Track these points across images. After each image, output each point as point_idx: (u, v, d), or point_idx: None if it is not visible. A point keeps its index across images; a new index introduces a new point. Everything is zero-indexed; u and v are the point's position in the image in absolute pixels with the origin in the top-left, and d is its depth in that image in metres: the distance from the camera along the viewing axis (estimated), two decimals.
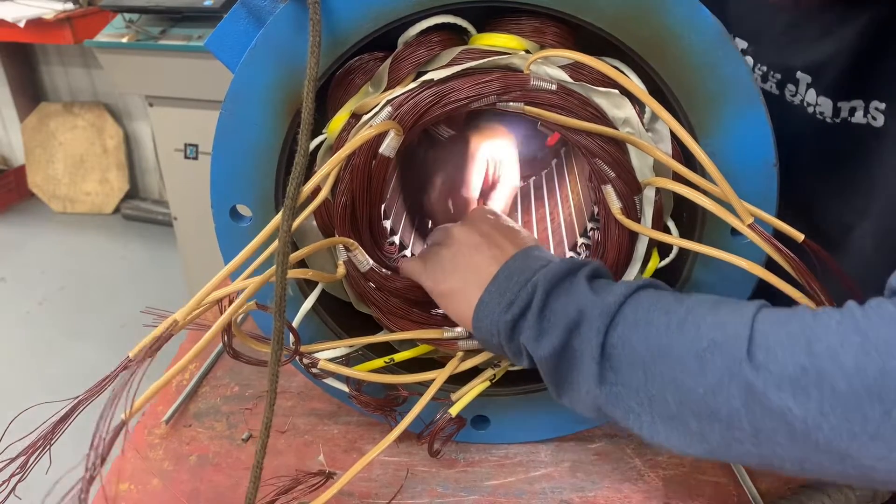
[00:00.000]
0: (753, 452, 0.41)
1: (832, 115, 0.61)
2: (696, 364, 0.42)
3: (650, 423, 0.45)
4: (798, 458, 0.40)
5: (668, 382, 0.43)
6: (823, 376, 0.37)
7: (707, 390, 0.41)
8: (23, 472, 0.48)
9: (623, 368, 0.46)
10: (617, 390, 0.46)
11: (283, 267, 0.50)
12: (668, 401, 0.44)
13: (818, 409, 0.37)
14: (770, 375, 0.39)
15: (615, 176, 0.57)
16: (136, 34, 1.88)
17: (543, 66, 0.55)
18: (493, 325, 0.52)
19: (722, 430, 0.42)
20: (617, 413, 0.47)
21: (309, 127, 0.50)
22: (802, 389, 0.38)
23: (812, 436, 0.38)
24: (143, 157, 3.17)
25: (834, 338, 0.38)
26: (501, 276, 0.53)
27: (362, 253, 0.61)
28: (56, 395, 0.51)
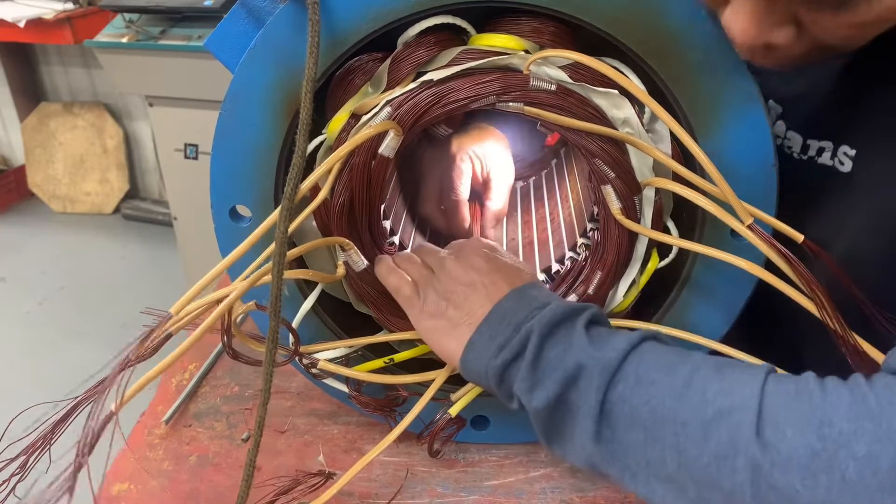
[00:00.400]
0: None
1: (800, 151, 0.61)
2: (700, 433, 0.41)
3: (646, 483, 0.44)
4: None
5: (670, 447, 0.42)
6: (834, 463, 0.36)
7: (711, 460, 0.40)
8: (23, 472, 0.48)
9: (622, 428, 0.44)
10: (614, 448, 0.45)
11: (280, 266, 0.50)
12: (668, 464, 0.42)
13: (826, 496, 0.36)
14: (778, 455, 0.38)
15: (615, 176, 0.57)
16: (136, 34, 1.88)
17: (543, 66, 0.55)
18: (482, 369, 0.51)
19: (723, 499, 0.40)
20: (612, 471, 0.45)
21: (307, 127, 0.50)
22: (811, 474, 0.37)
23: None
24: (143, 157, 3.17)
25: (846, 424, 0.37)
26: (493, 318, 0.52)
27: (357, 253, 0.61)
28: (56, 395, 0.51)
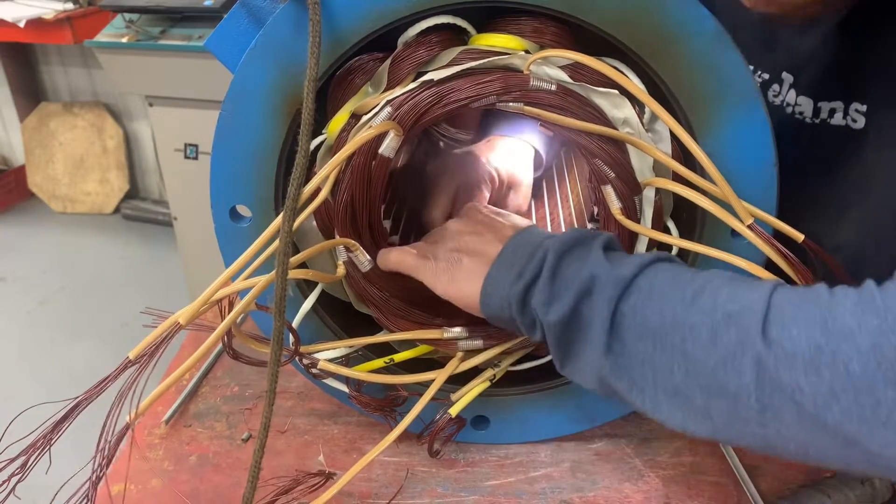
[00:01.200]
0: (758, 433, 0.40)
1: (812, 115, 0.61)
2: (708, 335, 0.41)
3: (653, 398, 0.44)
4: (803, 441, 0.39)
5: (678, 354, 0.42)
6: (837, 356, 0.36)
7: (717, 363, 0.40)
8: (23, 472, 0.48)
9: (631, 339, 0.45)
10: (622, 361, 0.45)
11: (284, 267, 0.50)
12: (675, 373, 0.42)
13: (829, 390, 0.36)
14: (783, 352, 0.38)
15: (615, 176, 0.57)
16: (136, 34, 1.88)
17: (543, 66, 0.55)
18: (504, 299, 0.51)
19: (728, 406, 0.40)
20: (620, 385, 0.46)
21: (309, 127, 0.50)
22: (815, 369, 0.37)
23: (820, 417, 0.37)
24: (143, 157, 3.17)
25: (851, 318, 0.37)
26: (508, 251, 0.52)
27: (363, 253, 0.61)
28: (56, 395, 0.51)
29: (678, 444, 0.70)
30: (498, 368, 0.66)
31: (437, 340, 0.64)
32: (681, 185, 0.56)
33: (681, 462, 0.68)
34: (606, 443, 0.71)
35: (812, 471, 0.66)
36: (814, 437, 0.38)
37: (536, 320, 0.49)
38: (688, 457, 0.68)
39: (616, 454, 0.69)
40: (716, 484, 0.65)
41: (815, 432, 0.38)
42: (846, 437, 0.37)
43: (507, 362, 0.66)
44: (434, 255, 0.58)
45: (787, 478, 0.65)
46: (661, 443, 0.70)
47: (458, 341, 0.63)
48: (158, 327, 0.51)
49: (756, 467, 0.66)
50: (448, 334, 0.63)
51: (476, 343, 0.63)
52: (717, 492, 0.64)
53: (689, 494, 0.64)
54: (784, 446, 0.40)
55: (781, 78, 0.63)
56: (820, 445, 0.39)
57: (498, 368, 0.66)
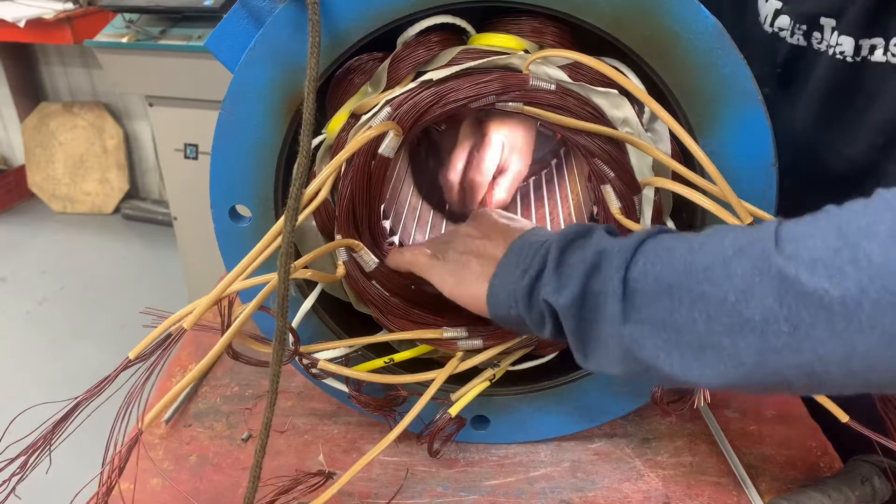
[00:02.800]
0: (793, 363, 0.38)
1: (853, 53, 0.62)
2: (722, 271, 0.40)
3: (680, 360, 0.43)
4: (842, 353, 0.37)
5: (697, 300, 0.41)
6: (858, 251, 0.35)
7: (738, 296, 0.39)
8: (23, 472, 0.48)
9: (647, 301, 0.44)
10: (643, 328, 0.44)
11: (286, 268, 0.50)
12: (698, 323, 0.41)
13: (857, 286, 0.35)
14: (801, 261, 0.37)
15: (614, 176, 0.57)
16: (136, 34, 1.88)
17: (542, 66, 0.55)
18: (510, 296, 0.50)
19: (757, 340, 0.39)
20: (645, 353, 0.44)
21: (310, 127, 0.50)
22: (837, 269, 0.36)
23: (854, 317, 0.35)
24: (143, 157, 3.17)
25: (864, 218, 0.36)
26: (512, 252, 0.52)
27: (368, 253, 0.61)
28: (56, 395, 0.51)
29: (678, 444, 0.70)
30: (498, 368, 0.66)
31: (437, 340, 0.64)
32: (680, 185, 0.56)
33: (681, 462, 0.68)
34: (606, 443, 0.71)
35: (812, 471, 0.66)
36: (852, 345, 0.36)
37: (545, 315, 0.49)
38: (688, 457, 0.68)
39: (616, 454, 0.69)
40: (716, 484, 0.65)
41: (851, 338, 0.36)
42: (884, 331, 0.35)
43: (507, 362, 0.66)
44: (444, 257, 0.59)
45: (788, 478, 0.65)
46: (661, 443, 0.70)
47: (458, 341, 0.63)
48: (158, 327, 0.51)
49: (756, 467, 0.66)
50: (448, 334, 0.63)
51: (476, 343, 0.63)
52: (717, 492, 0.64)
53: (689, 494, 0.64)
54: (825, 371, 0.38)
55: (821, 24, 0.66)
56: (860, 352, 0.36)
57: (498, 368, 0.66)
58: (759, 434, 0.71)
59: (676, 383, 0.45)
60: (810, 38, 0.68)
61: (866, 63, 0.62)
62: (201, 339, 0.84)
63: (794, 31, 0.70)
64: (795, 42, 0.70)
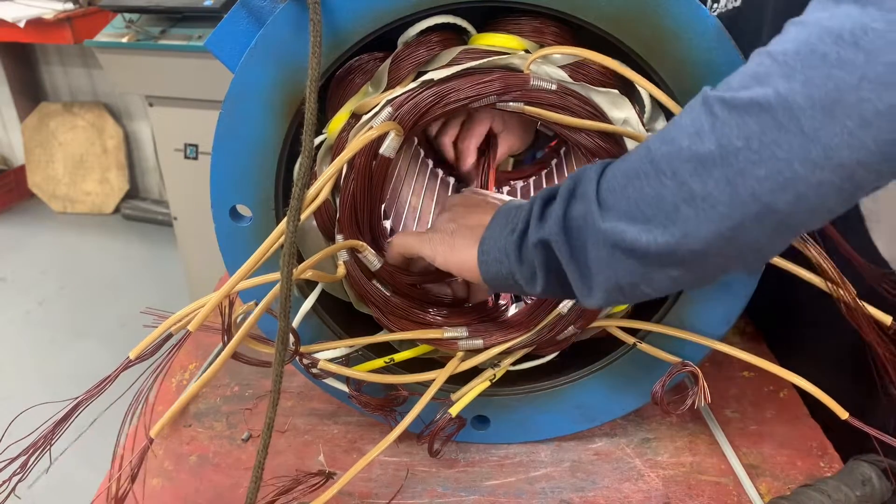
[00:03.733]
0: (760, 175, 0.39)
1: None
2: (673, 129, 0.43)
3: (663, 230, 0.43)
4: (798, 147, 0.38)
5: (659, 166, 0.43)
6: (775, 59, 0.39)
7: (692, 139, 0.41)
8: (23, 472, 0.48)
9: (619, 193, 0.45)
10: (620, 215, 0.45)
11: (290, 268, 0.50)
12: (668, 185, 0.42)
13: (783, 79, 0.38)
14: (731, 86, 0.40)
15: None
16: (136, 34, 1.88)
17: (543, 65, 0.55)
18: (500, 252, 0.52)
19: (721, 170, 0.40)
20: (629, 236, 0.44)
21: (312, 127, 0.50)
22: (765, 78, 0.39)
23: (794, 107, 0.37)
24: (143, 157, 3.17)
25: (773, 44, 0.40)
26: (500, 214, 0.55)
27: (372, 253, 0.61)
28: (56, 395, 0.51)
29: (678, 445, 0.70)
30: (498, 368, 0.66)
31: (438, 340, 0.64)
32: None
33: (681, 462, 0.68)
34: (606, 443, 0.71)
35: (812, 471, 0.66)
36: (803, 134, 0.37)
37: (535, 267, 0.50)
38: (688, 457, 0.68)
39: (616, 454, 0.69)
40: (716, 484, 0.65)
41: (800, 127, 0.37)
42: (823, 107, 0.37)
43: (507, 362, 0.66)
44: (433, 229, 0.60)
45: (788, 478, 0.65)
46: (661, 443, 0.70)
47: (459, 341, 0.63)
48: (158, 327, 0.51)
49: (756, 467, 0.66)
50: (448, 334, 0.63)
51: (476, 343, 0.63)
52: (717, 492, 0.64)
53: (689, 494, 0.64)
54: (793, 174, 0.38)
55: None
56: (812, 136, 0.37)
57: (498, 368, 0.66)
58: (759, 434, 0.70)
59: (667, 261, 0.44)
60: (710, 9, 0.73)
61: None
62: (201, 338, 0.84)
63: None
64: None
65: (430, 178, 0.85)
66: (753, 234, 0.41)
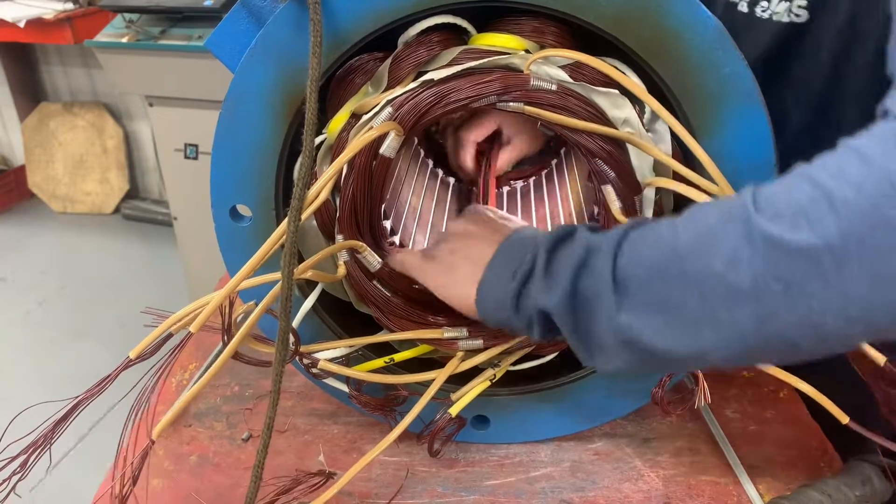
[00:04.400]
0: (791, 321, 0.38)
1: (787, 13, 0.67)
2: (708, 243, 0.40)
3: (680, 339, 0.42)
4: (837, 303, 0.37)
5: (687, 277, 0.41)
6: (833, 198, 0.36)
7: (726, 266, 0.39)
8: (23, 471, 0.48)
9: (639, 287, 0.44)
10: (638, 313, 0.44)
11: (290, 268, 0.50)
12: (692, 300, 0.41)
13: (838, 231, 0.35)
14: (782, 219, 0.37)
15: (615, 176, 0.57)
16: (136, 34, 1.88)
17: (543, 66, 0.55)
18: (499, 300, 0.51)
19: (753, 307, 0.39)
20: (644, 339, 0.44)
21: (313, 127, 0.50)
22: (818, 219, 0.36)
23: (843, 262, 0.36)
24: (143, 157, 3.16)
25: (833, 166, 0.37)
26: (501, 254, 0.53)
27: (372, 254, 0.61)
28: (56, 395, 0.51)
29: (679, 445, 0.70)
30: (498, 368, 0.66)
31: (438, 340, 0.64)
32: (682, 185, 0.56)
33: (681, 462, 0.68)
34: (606, 443, 0.71)
35: (812, 471, 0.66)
36: (844, 293, 0.37)
37: (533, 319, 0.49)
38: (688, 457, 0.68)
39: (616, 454, 0.69)
40: (716, 484, 0.65)
41: (842, 286, 0.36)
42: (871, 271, 0.35)
43: (507, 362, 0.66)
44: (433, 258, 0.58)
45: (788, 478, 0.65)
46: (661, 443, 0.70)
47: (459, 341, 0.63)
48: (158, 327, 0.51)
49: (756, 467, 0.66)
50: (448, 334, 0.63)
51: (476, 343, 0.63)
52: (717, 492, 0.64)
53: (689, 494, 0.64)
54: (822, 322, 0.38)
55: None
56: (854, 298, 0.36)
57: (498, 368, 0.66)
58: (760, 434, 0.70)
59: (682, 365, 0.44)
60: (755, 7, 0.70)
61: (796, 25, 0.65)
62: (201, 338, 0.84)
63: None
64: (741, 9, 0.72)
65: (430, 178, 0.85)
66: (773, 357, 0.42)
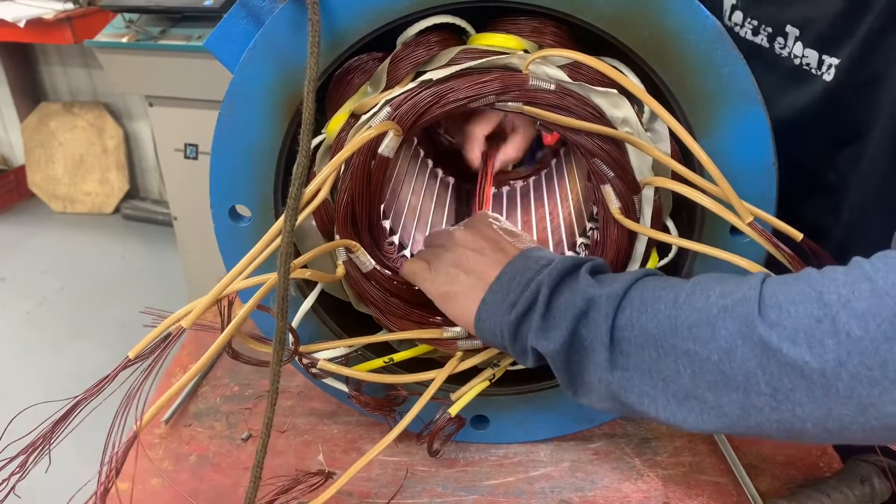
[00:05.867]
0: (773, 419, 0.41)
1: (817, 66, 0.64)
2: (707, 331, 0.42)
3: (665, 406, 0.45)
4: (819, 416, 0.39)
5: (682, 356, 0.43)
6: (837, 324, 0.37)
7: (721, 357, 0.41)
8: (22, 471, 0.48)
9: (634, 350, 0.45)
10: (629, 375, 0.45)
11: (286, 268, 0.50)
12: (683, 376, 0.43)
13: (836, 359, 0.37)
14: (784, 330, 0.39)
15: (614, 176, 0.57)
16: (136, 34, 1.88)
17: (542, 65, 0.55)
18: (497, 327, 0.52)
19: (740, 398, 0.41)
20: (631, 398, 0.46)
21: (310, 127, 0.50)
22: (818, 341, 0.37)
23: (831, 387, 0.37)
24: (143, 157, 3.17)
25: (843, 288, 0.38)
26: (504, 278, 0.53)
27: (364, 254, 0.61)
28: (56, 395, 0.51)
29: (678, 444, 0.70)
30: (497, 368, 0.66)
31: (437, 340, 0.64)
32: (680, 184, 0.56)
33: (680, 462, 0.68)
34: (606, 443, 0.71)
35: (812, 471, 0.66)
36: (828, 410, 0.38)
37: (528, 351, 0.50)
38: (687, 457, 0.68)
39: (616, 454, 0.69)
40: (715, 484, 0.65)
41: (828, 404, 0.38)
42: (859, 402, 0.37)
43: (507, 362, 0.66)
44: (436, 268, 0.58)
45: (787, 478, 0.65)
46: (660, 443, 0.70)
47: (458, 341, 0.63)
48: (158, 327, 0.51)
49: (756, 467, 0.66)
50: (448, 334, 0.63)
51: (476, 343, 0.63)
52: (716, 492, 0.64)
53: (688, 494, 0.64)
54: (802, 427, 0.40)
55: (786, 31, 0.67)
56: (836, 417, 0.38)
57: (497, 368, 0.66)
58: None
59: (661, 424, 0.46)
60: (773, 42, 0.70)
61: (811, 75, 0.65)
62: (202, 338, 0.84)
63: (758, 30, 0.71)
64: (759, 42, 0.71)
65: (430, 178, 0.86)
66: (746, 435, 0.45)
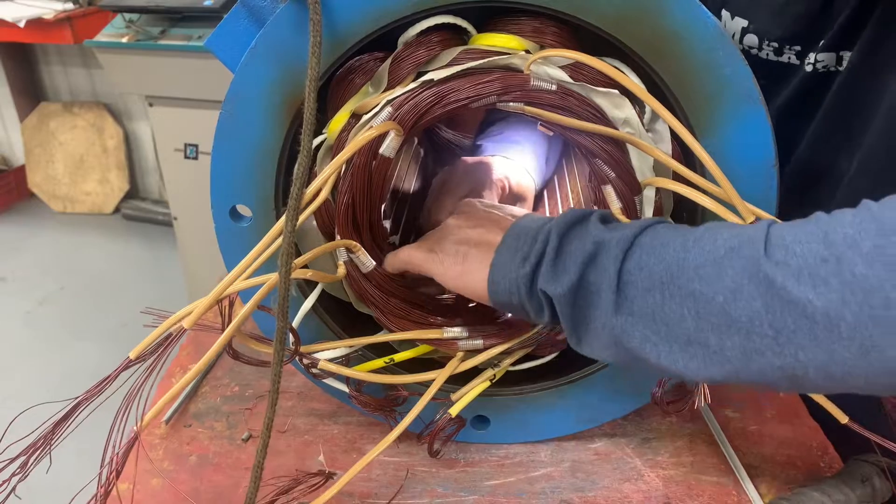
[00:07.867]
0: (776, 364, 0.40)
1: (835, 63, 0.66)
2: (713, 270, 0.41)
3: (668, 352, 0.44)
4: (822, 360, 0.38)
5: (687, 297, 0.42)
6: (842, 263, 0.37)
7: (726, 297, 0.41)
8: (23, 471, 0.48)
9: (639, 294, 0.45)
10: (633, 319, 0.45)
11: (287, 268, 0.50)
12: (686, 319, 0.43)
13: (839, 298, 0.37)
14: (788, 269, 0.38)
15: (615, 176, 0.57)
16: (136, 34, 1.88)
17: (543, 66, 0.55)
18: (511, 284, 0.51)
19: (742, 340, 0.41)
20: (633, 343, 0.45)
21: (311, 127, 0.50)
22: (822, 279, 0.37)
23: (834, 327, 0.37)
24: (143, 157, 3.17)
25: (850, 228, 0.38)
26: (510, 238, 0.53)
27: (365, 254, 0.61)
28: (56, 395, 0.51)
29: (678, 444, 0.70)
30: (498, 368, 0.66)
31: (438, 340, 0.64)
32: (681, 185, 0.56)
33: (681, 462, 0.68)
34: (606, 443, 0.71)
35: (812, 471, 0.66)
36: (831, 352, 0.38)
37: (543, 303, 0.50)
38: (688, 457, 0.68)
39: (616, 454, 0.69)
40: (716, 484, 0.65)
41: (831, 346, 0.38)
42: (862, 343, 0.37)
43: (507, 362, 0.66)
44: (441, 250, 0.58)
45: (787, 478, 0.65)
46: (661, 443, 0.70)
47: (459, 341, 0.63)
48: (158, 327, 0.51)
49: (756, 467, 0.66)
50: (448, 334, 0.63)
51: (476, 343, 0.63)
52: (717, 492, 0.64)
53: (689, 494, 0.64)
54: (804, 374, 0.40)
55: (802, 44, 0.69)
56: (839, 360, 0.38)
57: (498, 368, 0.66)
58: (759, 434, 0.71)
59: (663, 373, 0.46)
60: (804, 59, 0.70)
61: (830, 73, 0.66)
62: (202, 339, 0.84)
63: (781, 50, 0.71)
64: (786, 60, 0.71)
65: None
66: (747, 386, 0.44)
